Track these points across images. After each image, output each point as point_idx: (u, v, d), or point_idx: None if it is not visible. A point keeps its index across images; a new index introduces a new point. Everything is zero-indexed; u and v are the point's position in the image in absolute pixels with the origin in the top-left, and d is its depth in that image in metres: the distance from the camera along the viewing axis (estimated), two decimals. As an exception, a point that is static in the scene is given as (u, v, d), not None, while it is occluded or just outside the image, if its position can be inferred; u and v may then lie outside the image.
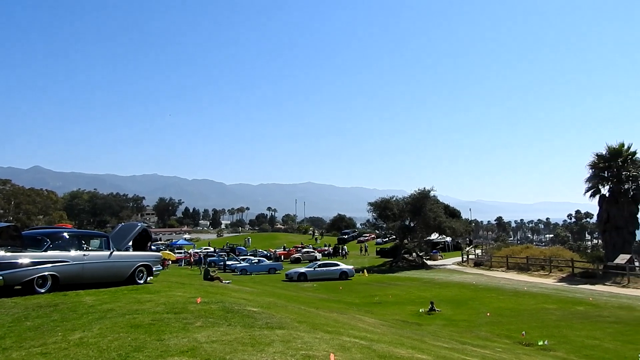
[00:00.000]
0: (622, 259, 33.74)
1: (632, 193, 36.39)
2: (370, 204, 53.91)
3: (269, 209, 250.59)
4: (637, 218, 36.51)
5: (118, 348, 6.36)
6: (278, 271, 44.72)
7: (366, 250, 67.54)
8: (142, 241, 16.73)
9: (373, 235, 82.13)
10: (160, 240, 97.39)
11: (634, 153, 36.99)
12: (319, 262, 43.87)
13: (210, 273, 30.43)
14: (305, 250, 63.94)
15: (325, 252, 64.49)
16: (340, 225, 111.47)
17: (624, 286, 31.35)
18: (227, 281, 29.45)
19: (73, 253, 12.72)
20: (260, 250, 66.83)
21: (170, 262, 49.61)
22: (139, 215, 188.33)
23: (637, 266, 38.32)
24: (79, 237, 13.64)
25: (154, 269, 15.37)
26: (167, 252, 56.80)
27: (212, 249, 69.74)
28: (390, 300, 26.72)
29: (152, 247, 41.42)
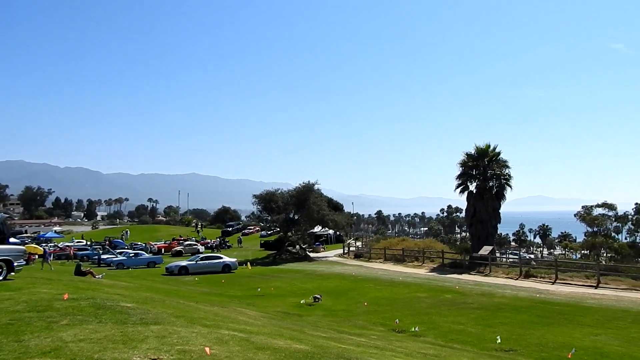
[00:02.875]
0: (485, 250, 36.97)
1: (495, 190, 39.94)
2: (255, 196, 53.83)
3: (150, 200, 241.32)
4: (499, 213, 40.15)
5: (-33, 352, 5.74)
6: (158, 265, 43.19)
7: (240, 243, 67.59)
8: (2, 234, 15.28)
9: (257, 228, 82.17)
10: (26, 232, 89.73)
11: (499, 153, 40.55)
12: (202, 255, 43.01)
13: (82, 267, 28.58)
14: (187, 243, 62.28)
15: (209, 245, 63.37)
16: (225, 217, 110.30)
17: (486, 275, 34.37)
18: (100, 275, 27.88)
19: None
20: (139, 243, 64.05)
21: (37, 256, 45.91)
22: (2, 205, 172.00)
23: (498, 257, 42.15)
24: None
25: (15, 264, 14.11)
26: (33, 245, 52.51)
27: (84, 242, 65.65)
28: (272, 293, 26.91)
29: (15, 239, 37.95)
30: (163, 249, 58.62)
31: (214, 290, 27.80)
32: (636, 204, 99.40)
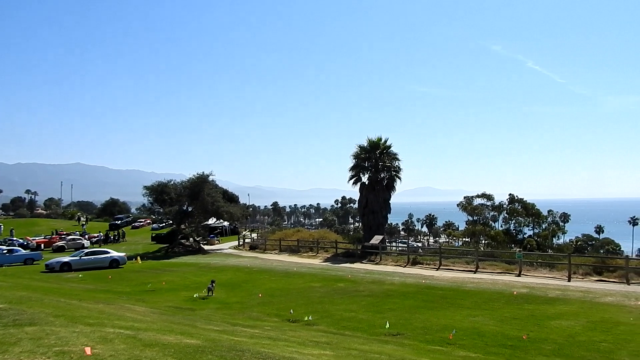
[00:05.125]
0: (376, 239, 38.42)
1: (386, 181, 41.54)
2: (146, 187, 51.68)
3: (27, 191, 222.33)
4: (390, 203, 41.85)
5: None
6: (37, 261, 40.06)
7: (123, 237, 64.76)
8: None
9: (149, 221, 79.21)
10: None
11: (389, 146, 42.13)
12: (86, 250, 40.56)
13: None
14: (70, 237, 58.39)
15: (95, 240, 59.90)
16: (113, 210, 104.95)
17: (377, 263, 35.76)
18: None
19: None
20: (14, 238, 58.96)
21: None
22: None
23: (388, 246, 43.99)
24: None
25: None
26: None
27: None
28: (164, 287, 26.03)
29: None
30: (43, 245, 54.67)
31: (99, 286, 26.36)
32: (510, 194, 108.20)
